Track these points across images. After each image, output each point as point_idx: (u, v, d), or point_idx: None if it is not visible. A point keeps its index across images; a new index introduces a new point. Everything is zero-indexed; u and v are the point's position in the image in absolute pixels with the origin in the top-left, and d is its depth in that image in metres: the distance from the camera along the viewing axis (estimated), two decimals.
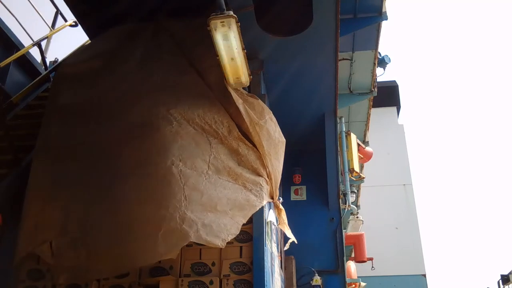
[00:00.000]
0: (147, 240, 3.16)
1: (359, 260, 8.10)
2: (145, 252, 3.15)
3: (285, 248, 4.42)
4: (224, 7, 3.11)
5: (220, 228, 3.29)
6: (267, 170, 3.84)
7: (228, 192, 3.51)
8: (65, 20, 6.78)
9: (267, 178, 3.82)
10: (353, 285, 7.27)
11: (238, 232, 3.38)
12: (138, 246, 3.18)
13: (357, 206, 9.42)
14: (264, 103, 4.15)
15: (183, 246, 3.65)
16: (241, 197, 3.55)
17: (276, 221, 4.29)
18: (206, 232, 3.21)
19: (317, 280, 5.42)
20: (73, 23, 6.38)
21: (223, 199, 3.45)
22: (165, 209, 3.29)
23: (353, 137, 7.66)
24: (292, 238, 4.26)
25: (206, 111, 3.75)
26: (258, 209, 3.60)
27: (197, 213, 3.29)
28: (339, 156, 6.47)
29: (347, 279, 5.76)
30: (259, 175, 3.76)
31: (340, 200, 6.09)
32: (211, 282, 3.56)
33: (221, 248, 3.66)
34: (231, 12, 3.09)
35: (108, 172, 3.62)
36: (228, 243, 3.62)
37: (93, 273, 3.43)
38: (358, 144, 7.95)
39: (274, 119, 4.07)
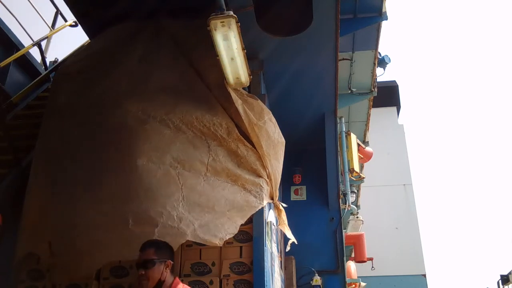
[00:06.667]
0: (144, 234, 3.15)
1: (359, 260, 8.10)
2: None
3: (287, 249, 4.42)
4: (224, 7, 3.10)
5: (217, 227, 3.30)
6: (267, 171, 3.84)
7: (227, 193, 3.52)
8: (65, 20, 6.78)
9: (267, 179, 3.82)
10: (353, 285, 7.26)
11: (236, 232, 3.39)
12: (134, 239, 3.18)
13: (357, 206, 9.42)
14: (264, 103, 4.15)
15: (183, 246, 3.67)
16: (240, 198, 3.55)
17: (276, 222, 4.29)
18: (203, 232, 3.24)
19: (317, 280, 5.41)
20: (73, 23, 6.39)
21: (221, 200, 3.46)
22: (163, 207, 3.31)
23: (353, 137, 7.66)
24: (292, 238, 4.25)
25: (204, 113, 3.75)
26: (257, 210, 3.60)
27: (195, 214, 3.31)
28: (339, 156, 6.46)
29: (347, 279, 5.75)
30: (259, 176, 3.75)
31: (340, 200, 6.09)
32: (211, 282, 3.56)
33: (221, 248, 3.67)
34: (231, 12, 3.08)
35: (107, 172, 3.62)
36: (228, 243, 3.63)
37: (92, 268, 3.44)
38: (358, 144, 7.95)
39: (273, 119, 4.06)
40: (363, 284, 7.95)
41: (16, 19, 5.96)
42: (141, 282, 2.60)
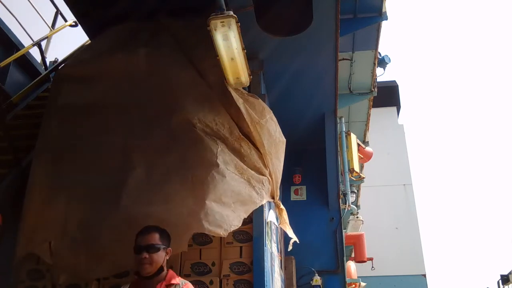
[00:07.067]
0: None
1: (359, 260, 8.11)
2: None
3: (289, 249, 4.42)
4: (224, 7, 3.10)
5: (223, 218, 3.28)
6: (268, 169, 3.84)
7: (234, 184, 3.51)
8: (65, 20, 6.78)
9: (269, 177, 3.82)
10: (353, 285, 7.27)
11: (239, 225, 3.37)
12: None
13: (357, 206, 9.43)
14: (264, 103, 4.15)
15: None
16: (245, 192, 3.55)
17: (277, 221, 4.29)
18: (208, 222, 3.21)
19: (317, 280, 5.42)
20: (73, 23, 6.38)
21: (228, 191, 3.44)
22: (171, 204, 3.33)
23: (353, 137, 7.67)
24: (294, 237, 4.25)
25: (206, 113, 3.75)
26: (258, 206, 3.60)
27: (202, 203, 3.28)
28: (339, 156, 6.46)
29: (347, 279, 5.76)
30: (261, 174, 3.76)
31: (340, 200, 6.09)
32: (211, 282, 3.56)
33: (221, 248, 3.67)
34: (231, 12, 3.08)
35: (112, 171, 3.62)
36: (228, 243, 3.63)
37: (94, 272, 3.44)
38: (358, 144, 7.96)
39: (274, 118, 4.07)
40: (363, 284, 7.95)
41: (16, 19, 5.97)
42: (143, 265, 2.53)
